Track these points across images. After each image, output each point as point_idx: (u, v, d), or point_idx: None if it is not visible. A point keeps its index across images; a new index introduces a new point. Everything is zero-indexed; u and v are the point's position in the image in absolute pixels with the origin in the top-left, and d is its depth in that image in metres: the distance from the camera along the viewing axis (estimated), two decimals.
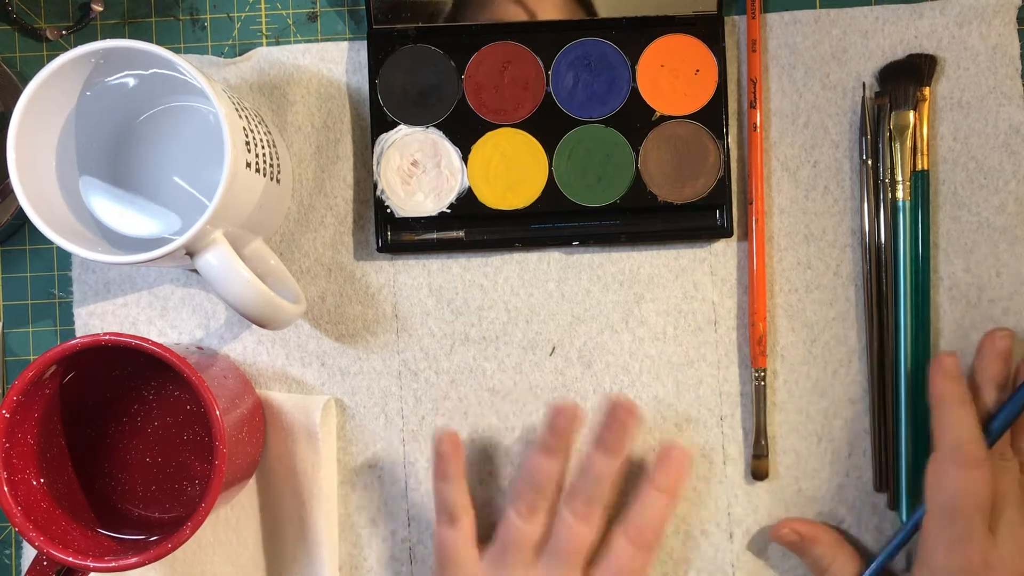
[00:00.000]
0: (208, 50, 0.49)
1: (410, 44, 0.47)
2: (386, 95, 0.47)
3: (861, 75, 0.47)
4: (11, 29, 0.49)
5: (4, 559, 0.48)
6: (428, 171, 0.47)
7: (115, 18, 0.49)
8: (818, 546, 0.45)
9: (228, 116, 0.38)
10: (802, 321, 0.47)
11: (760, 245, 0.47)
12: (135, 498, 0.45)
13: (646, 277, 0.47)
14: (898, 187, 0.46)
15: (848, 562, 0.45)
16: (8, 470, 0.40)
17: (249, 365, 0.48)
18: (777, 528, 0.46)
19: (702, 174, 0.47)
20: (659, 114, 0.47)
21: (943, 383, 0.43)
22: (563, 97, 0.47)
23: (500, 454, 0.47)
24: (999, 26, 0.47)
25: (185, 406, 0.45)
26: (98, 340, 0.39)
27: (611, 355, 0.47)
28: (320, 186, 0.48)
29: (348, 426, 0.48)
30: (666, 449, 0.45)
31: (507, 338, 0.47)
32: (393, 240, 0.47)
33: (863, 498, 0.47)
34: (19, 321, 0.49)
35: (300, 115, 0.48)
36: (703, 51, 0.47)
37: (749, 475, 0.47)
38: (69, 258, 0.48)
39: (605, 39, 0.47)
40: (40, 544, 0.39)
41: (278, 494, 0.46)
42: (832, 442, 0.47)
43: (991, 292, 0.47)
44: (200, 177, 0.43)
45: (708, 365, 0.47)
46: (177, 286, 0.48)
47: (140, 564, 0.39)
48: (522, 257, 0.48)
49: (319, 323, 0.48)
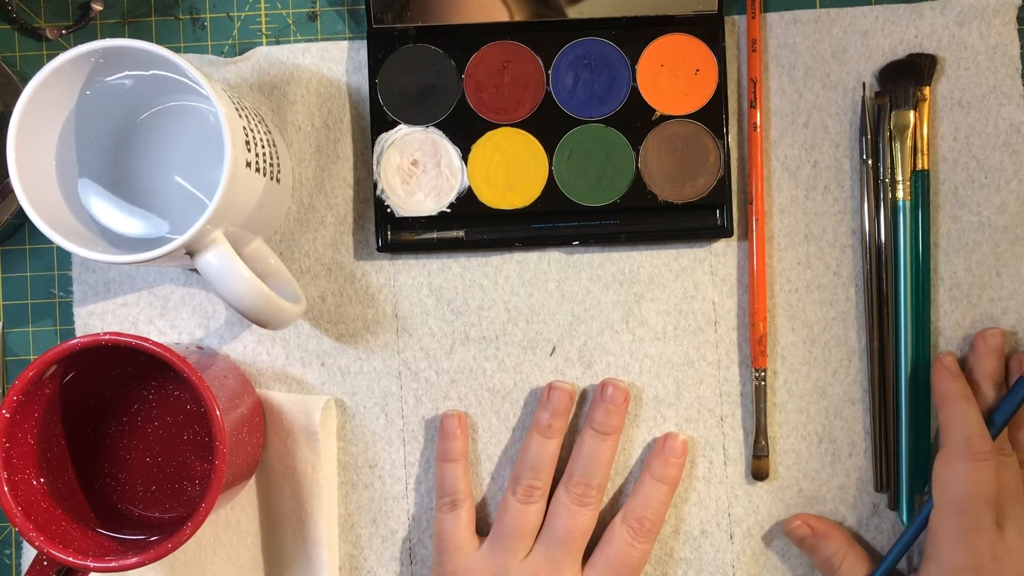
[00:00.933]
0: (208, 50, 0.49)
1: (410, 44, 0.47)
2: (386, 95, 0.47)
3: (861, 75, 0.47)
4: (11, 29, 0.49)
5: (4, 559, 0.48)
6: (428, 171, 0.47)
7: (115, 17, 0.49)
8: (830, 543, 0.45)
9: (228, 116, 0.38)
10: (802, 321, 0.47)
11: (760, 245, 0.47)
12: (135, 498, 0.45)
13: (646, 277, 0.47)
14: (898, 187, 0.46)
15: (858, 563, 0.45)
16: (8, 470, 0.40)
17: (249, 365, 0.48)
18: (790, 521, 0.46)
19: (702, 174, 0.47)
20: (659, 114, 0.47)
21: (947, 381, 0.44)
22: (563, 97, 0.47)
23: (500, 454, 0.47)
24: (999, 26, 0.47)
25: (185, 406, 0.45)
26: (98, 340, 0.39)
27: (611, 355, 0.47)
28: (320, 186, 0.48)
29: (348, 426, 0.48)
30: (664, 439, 0.46)
31: (507, 338, 0.47)
32: (393, 240, 0.47)
33: (863, 498, 0.47)
34: (19, 321, 0.49)
35: (300, 115, 0.48)
36: (703, 51, 0.47)
37: (749, 475, 0.47)
38: (69, 258, 0.48)
39: (605, 39, 0.47)
40: (40, 544, 0.39)
41: (278, 494, 0.46)
42: (832, 442, 0.47)
43: (991, 292, 0.47)
44: (200, 177, 0.43)
45: (708, 365, 0.47)
46: (177, 286, 0.48)
47: (140, 564, 0.39)
48: (522, 257, 0.48)
49: (319, 323, 0.48)
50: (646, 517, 0.45)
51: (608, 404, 0.45)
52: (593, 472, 0.45)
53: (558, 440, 0.46)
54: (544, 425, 0.45)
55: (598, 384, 0.46)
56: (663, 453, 0.46)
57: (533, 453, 0.45)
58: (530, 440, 0.46)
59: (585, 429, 0.46)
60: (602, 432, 0.45)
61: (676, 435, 0.46)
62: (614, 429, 0.45)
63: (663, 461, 0.46)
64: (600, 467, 0.45)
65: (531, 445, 0.45)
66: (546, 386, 0.46)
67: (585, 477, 0.45)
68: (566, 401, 0.46)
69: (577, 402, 0.47)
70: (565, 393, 0.46)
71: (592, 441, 0.45)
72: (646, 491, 0.45)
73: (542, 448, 0.45)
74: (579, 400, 0.47)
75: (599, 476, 0.45)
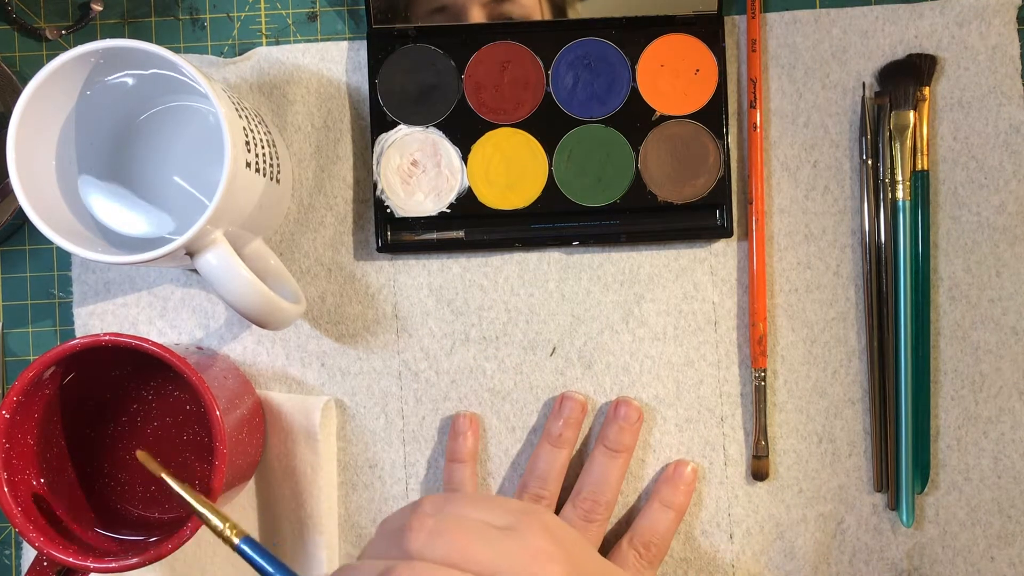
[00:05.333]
0: (208, 50, 0.49)
1: (410, 44, 0.47)
2: (386, 95, 0.47)
3: (861, 75, 0.47)
4: (11, 29, 0.49)
5: (4, 559, 0.48)
6: (428, 171, 0.47)
7: (115, 18, 0.49)
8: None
9: (228, 116, 0.38)
10: (802, 321, 0.47)
11: (760, 245, 0.47)
12: (135, 498, 0.45)
13: (646, 277, 0.47)
14: (898, 187, 0.46)
15: None
16: (8, 470, 0.40)
17: (249, 365, 0.48)
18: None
19: (702, 174, 0.47)
20: (659, 114, 0.47)
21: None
22: (563, 97, 0.47)
23: (501, 454, 0.47)
24: (999, 26, 0.47)
25: (185, 406, 0.45)
26: (98, 340, 0.39)
27: (611, 355, 0.47)
28: (320, 186, 0.48)
29: (348, 426, 0.48)
30: (675, 466, 0.46)
31: (507, 338, 0.47)
32: (393, 240, 0.47)
33: (863, 498, 0.47)
34: (19, 321, 0.49)
35: (300, 115, 0.48)
36: (703, 51, 0.47)
37: (749, 475, 0.47)
38: (69, 258, 0.48)
39: (605, 39, 0.47)
40: (40, 544, 0.39)
41: (278, 494, 0.46)
42: (832, 442, 0.47)
43: (991, 292, 0.47)
44: (200, 177, 0.43)
45: (708, 365, 0.47)
46: (177, 286, 0.48)
47: (140, 564, 0.39)
48: (522, 257, 0.48)
49: (319, 323, 0.48)
50: (652, 542, 0.45)
51: (621, 422, 0.45)
52: (602, 489, 0.45)
53: (568, 451, 0.46)
54: (555, 435, 0.45)
55: (612, 402, 0.47)
56: (672, 480, 0.46)
57: (542, 462, 0.45)
58: (540, 449, 0.46)
59: (597, 446, 0.46)
60: (613, 450, 0.45)
61: (686, 463, 0.46)
62: (626, 448, 0.45)
63: (672, 487, 0.46)
64: (609, 485, 0.45)
65: (541, 454, 0.45)
66: (559, 396, 0.46)
67: (594, 494, 0.45)
68: (578, 412, 0.46)
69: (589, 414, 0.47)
70: (578, 404, 0.46)
71: (603, 458, 0.45)
72: (653, 516, 0.45)
73: (552, 458, 0.45)
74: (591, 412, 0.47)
75: (608, 494, 0.45)
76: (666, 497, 0.45)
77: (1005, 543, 0.46)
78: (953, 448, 0.47)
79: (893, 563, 0.46)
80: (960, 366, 0.47)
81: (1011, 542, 0.46)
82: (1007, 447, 0.46)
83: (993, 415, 0.47)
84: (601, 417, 0.47)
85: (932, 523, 0.47)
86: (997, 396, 0.47)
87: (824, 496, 0.47)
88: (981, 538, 0.46)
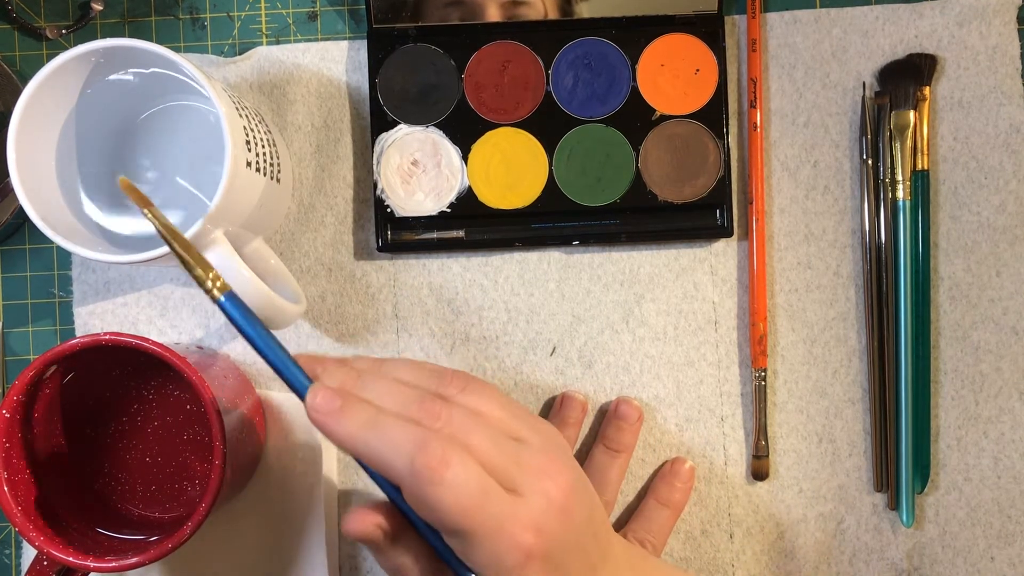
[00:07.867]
0: (208, 49, 0.49)
1: (410, 43, 0.47)
2: (386, 94, 0.47)
3: (861, 75, 0.47)
4: (11, 28, 0.49)
5: (4, 559, 0.48)
6: (428, 171, 0.47)
7: (115, 17, 0.49)
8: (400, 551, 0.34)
9: (228, 115, 0.38)
10: (802, 321, 0.47)
11: (760, 245, 0.47)
12: (135, 498, 0.45)
13: (646, 277, 0.47)
14: (898, 187, 0.46)
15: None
16: (8, 470, 0.40)
17: (249, 365, 0.48)
18: (355, 521, 0.33)
19: (702, 174, 0.47)
20: (659, 113, 0.47)
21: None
22: (563, 96, 0.47)
23: None
24: (999, 26, 0.47)
25: (185, 406, 0.45)
26: (98, 340, 0.39)
27: (611, 355, 0.47)
28: (320, 186, 0.48)
29: None
30: (671, 463, 0.46)
31: (507, 338, 0.47)
32: (393, 240, 0.47)
33: (863, 498, 0.47)
34: (19, 321, 0.48)
35: (300, 114, 0.48)
36: (703, 50, 0.47)
37: (749, 475, 0.47)
38: (69, 258, 0.48)
39: (605, 38, 0.47)
40: (40, 544, 0.39)
41: (278, 494, 0.46)
42: (832, 442, 0.47)
43: (991, 292, 0.47)
44: (200, 176, 0.43)
45: (708, 365, 0.47)
46: (177, 286, 0.48)
47: (140, 564, 0.39)
48: (522, 257, 0.48)
49: (319, 323, 0.48)
50: (647, 540, 0.44)
51: (621, 421, 0.45)
52: (602, 489, 0.45)
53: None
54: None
55: (612, 402, 0.46)
56: (669, 477, 0.46)
57: None
58: None
59: (596, 445, 0.46)
60: (613, 449, 0.45)
61: (683, 460, 0.46)
62: (625, 447, 0.45)
63: (668, 485, 0.46)
64: (608, 483, 0.45)
65: None
66: (559, 396, 0.46)
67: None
68: (578, 412, 0.46)
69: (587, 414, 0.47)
70: (577, 403, 0.46)
71: (602, 457, 0.45)
72: (649, 514, 0.45)
73: None
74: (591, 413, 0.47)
75: (606, 493, 0.45)
76: (662, 494, 0.45)
77: (1005, 543, 0.46)
78: (953, 448, 0.47)
79: (893, 563, 0.46)
80: (960, 366, 0.47)
81: (1011, 542, 0.46)
82: (1007, 447, 0.46)
83: (993, 415, 0.47)
84: (601, 417, 0.47)
85: (932, 523, 0.47)
86: (997, 396, 0.47)
87: (824, 496, 0.47)
88: (981, 538, 0.46)
